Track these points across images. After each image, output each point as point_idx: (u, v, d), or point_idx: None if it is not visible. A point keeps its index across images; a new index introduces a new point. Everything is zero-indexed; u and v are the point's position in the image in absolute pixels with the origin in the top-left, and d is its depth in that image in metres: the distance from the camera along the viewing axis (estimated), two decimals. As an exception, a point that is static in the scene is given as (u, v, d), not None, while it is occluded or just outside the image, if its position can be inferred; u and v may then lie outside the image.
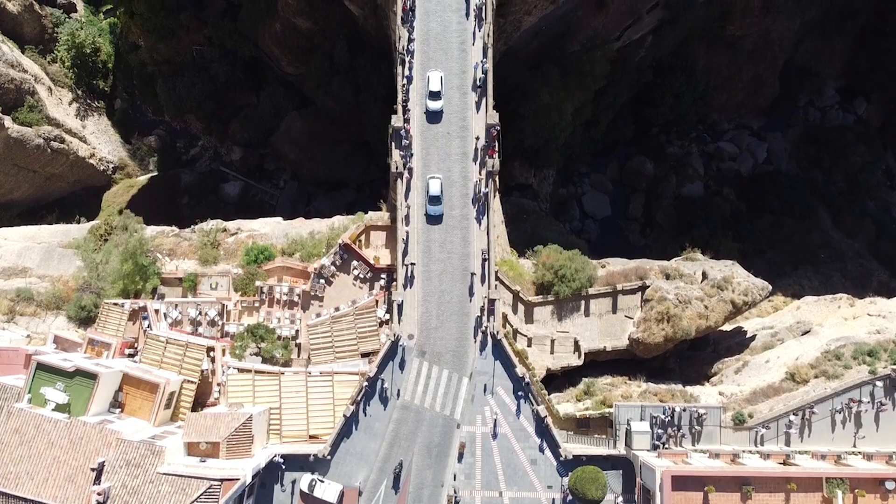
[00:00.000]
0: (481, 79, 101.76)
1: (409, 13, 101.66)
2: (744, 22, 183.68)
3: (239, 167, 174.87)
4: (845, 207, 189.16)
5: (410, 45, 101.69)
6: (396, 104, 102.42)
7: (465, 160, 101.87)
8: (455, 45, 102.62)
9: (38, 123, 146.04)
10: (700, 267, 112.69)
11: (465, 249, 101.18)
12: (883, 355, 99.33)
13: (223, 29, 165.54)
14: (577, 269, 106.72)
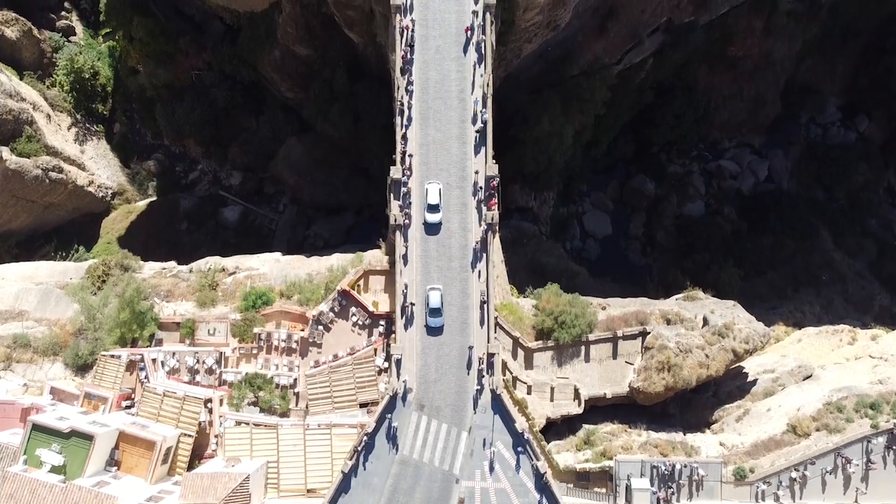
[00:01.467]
0: (480, 128, 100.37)
1: (408, 62, 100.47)
2: (745, 43, 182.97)
3: (238, 191, 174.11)
4: (847, 226, 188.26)
5: (409, 94, 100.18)
6: (395, 153, 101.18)
7: (464, 210, 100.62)
8: (454, 94, 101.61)
9: (37, 154, 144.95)
10: (701, 310, 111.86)
11: (463, 301, 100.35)
12: (885, 408, 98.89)
13: (222, 54, 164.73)
14: (578, 314, 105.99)
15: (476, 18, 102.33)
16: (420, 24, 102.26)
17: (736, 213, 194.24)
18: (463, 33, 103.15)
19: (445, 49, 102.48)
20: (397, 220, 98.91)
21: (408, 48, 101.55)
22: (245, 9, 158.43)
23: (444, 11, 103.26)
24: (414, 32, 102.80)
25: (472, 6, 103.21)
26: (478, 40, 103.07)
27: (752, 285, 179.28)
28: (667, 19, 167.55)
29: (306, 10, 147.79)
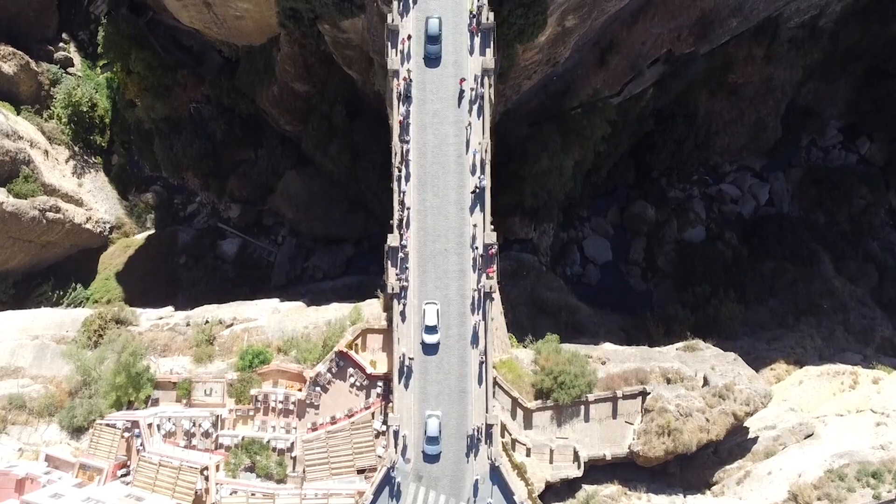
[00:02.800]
0: (478, 193, 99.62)
1: (405, 127, 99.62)
2: (745, 71, 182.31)
3: (237, 223, 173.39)
4: (848, 250, 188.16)
5: (407, 160, 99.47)
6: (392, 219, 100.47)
7: (462, 277, 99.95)
8: (452, 159, 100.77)
9: (34, 194, 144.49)
10: (702, 366, 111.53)
11: (462, 370, 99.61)
12: (887, 477, 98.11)
13: (221, 87, 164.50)
14: (577, 374, 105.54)
15: (477, 85, 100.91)
16: (418, 87, 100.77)
17: (737, 237, 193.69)
18: (465, 101, 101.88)
19: (443, 112, 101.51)
20: (394, 289, 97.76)
21: (405, 112, 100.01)
22: (243, 42, 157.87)
23: (443, 76, 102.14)
24: (411, 96, 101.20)
25: (471, 69, 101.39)
26: (475, 97, 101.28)
27: (754, 312, 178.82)
28: (667, 50, 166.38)
29: (304, 49, 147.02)
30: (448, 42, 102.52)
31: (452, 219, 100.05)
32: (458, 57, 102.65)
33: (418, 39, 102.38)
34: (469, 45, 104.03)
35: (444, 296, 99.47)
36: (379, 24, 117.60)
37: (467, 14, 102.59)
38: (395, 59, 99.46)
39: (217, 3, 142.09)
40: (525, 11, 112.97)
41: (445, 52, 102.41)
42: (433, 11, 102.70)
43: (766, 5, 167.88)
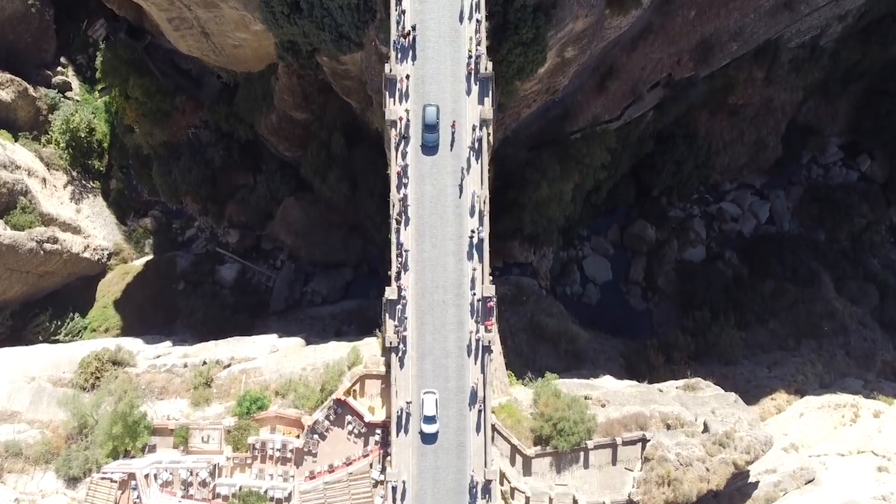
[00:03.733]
0: (477, 242, 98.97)
1: (404, 177, 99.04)
2: (746, 92, 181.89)
3: (235, 248, 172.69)
4: (849, 269, 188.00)
5: (405, 211, 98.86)
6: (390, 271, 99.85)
7: (461, 328, 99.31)
8: (450, 209, 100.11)
9: (31, 225, 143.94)
10: (702, 409, 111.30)
11: (460, 423, 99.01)
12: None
13: (219, 112, 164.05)
14: (576, 420, 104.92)
15: (475, 133, 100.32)
16: (415, 137, 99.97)
17: (737, 257, 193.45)
18: (460, 147, 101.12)
19: (441, 163, 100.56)
20: (392, 343, 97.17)
21: (403, 163, 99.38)
22: (242, 69, 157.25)
23: (442, 125, 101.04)
24: (408, 147, 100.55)
25: (468, 117, 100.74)
26: (473, 144, 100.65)
27: (754, 334, 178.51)
28: (667, 75, 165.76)
29: (303, 79, 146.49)
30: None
31: (451, 270, 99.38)
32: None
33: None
34: (466, 88, 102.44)
35: (442, 348, 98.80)
36: (377, 63, 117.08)
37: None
38: (394, 109, 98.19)
39: (215, 33, 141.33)
40: (524, 50, 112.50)
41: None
42: (431, 98, 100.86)
43: (766, 29, 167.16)
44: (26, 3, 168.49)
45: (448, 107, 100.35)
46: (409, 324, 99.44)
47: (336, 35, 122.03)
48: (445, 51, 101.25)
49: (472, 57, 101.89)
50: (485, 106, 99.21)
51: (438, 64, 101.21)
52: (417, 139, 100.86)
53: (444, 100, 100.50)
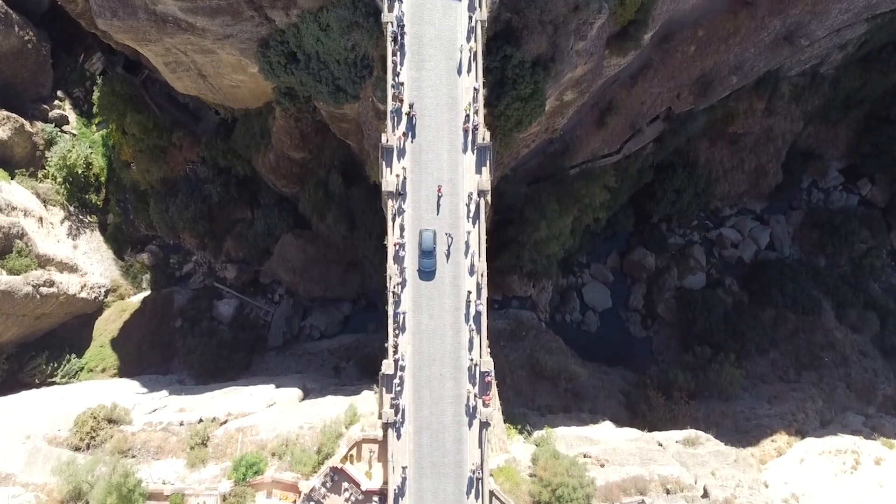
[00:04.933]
0: (475, 314, 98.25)
1: (402, 246, 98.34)
2: (746, 122, 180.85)
3: (233, 283, 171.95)
4: (849, 296, 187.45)
5: (403, 286, 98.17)
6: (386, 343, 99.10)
7: (458, 402, 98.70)
8: (448, 280, 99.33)
9: (27, 268, 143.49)
10: (702, 469, 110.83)
11: (458, 499, 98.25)
12: None
13: (217, 148, 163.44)
14: (575, 486, 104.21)
15: (471, 201, 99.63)
16: (412, 206, 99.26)
17: (737, 284, 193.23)
18: (456, 216, 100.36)
19: (438, 234, 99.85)
20: (389, 419, 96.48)
21: (401, 233, 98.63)
22: (239, 106, 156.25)
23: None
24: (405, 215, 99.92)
25: (464, 185, 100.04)
26: (470, 212, 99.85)
27: (755, 364, 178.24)
28: (667, 108, 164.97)
29: (300, 121, 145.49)
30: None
31: (448, 342, 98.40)
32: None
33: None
34: (462, 144, 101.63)
35: (440, 422, 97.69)
36: (374, 119, 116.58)
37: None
38: (390, 181, 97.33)
39: (212, 75, 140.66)
40: (523, 105, 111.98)
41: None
42: (427, 224, 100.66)
43: (766, 62, 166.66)
44: (22, 39, 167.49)
45: (445, 175, 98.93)
46: (406, 397, 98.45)
47: (333, 87, 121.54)
48: (443, 118, 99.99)
49: (469, 116, 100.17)
50: (482, 176, 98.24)
51: (436, 132, 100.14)
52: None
53: (441, 170, 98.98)
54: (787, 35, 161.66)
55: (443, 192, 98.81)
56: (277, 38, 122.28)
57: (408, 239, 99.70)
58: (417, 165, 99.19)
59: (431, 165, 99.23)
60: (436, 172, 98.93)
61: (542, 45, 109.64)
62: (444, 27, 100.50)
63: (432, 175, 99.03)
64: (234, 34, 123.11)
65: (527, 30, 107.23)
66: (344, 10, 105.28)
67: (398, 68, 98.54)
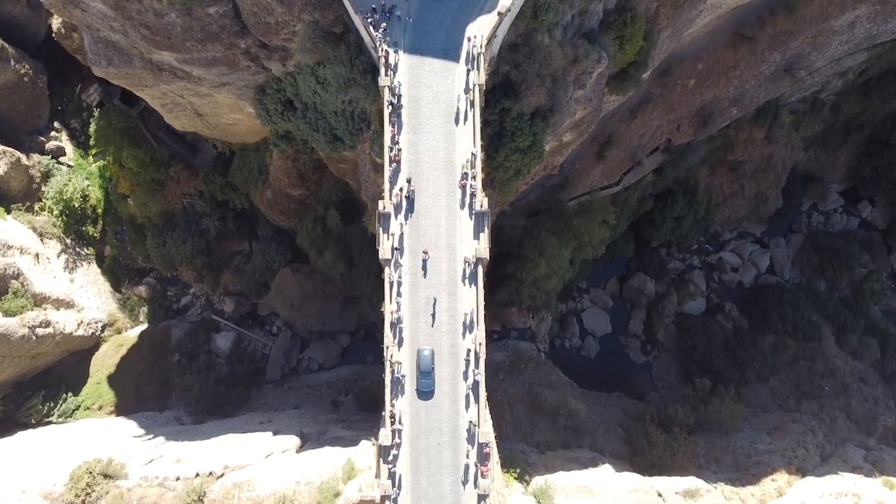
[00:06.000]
0: (473, 384, 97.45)
1: (399, 317, 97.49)
2: (746, 151, 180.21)
3: (231, 315, 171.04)
4: (850, 321, 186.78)
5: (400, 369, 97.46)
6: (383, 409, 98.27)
7: (456, 472, 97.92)
8: (446, 349, 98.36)
9: (23, 309, 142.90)
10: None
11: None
12: None
13: (214, 182, 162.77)
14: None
15: (468, 266, 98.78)
16: (410, 273, 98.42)
17: (737, 309, 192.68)
18: (454, 284, 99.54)
19: (436, 301, 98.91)
20: (386, 492, 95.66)
21: (397, 302, 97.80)
22: (237, 141, 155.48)
23: (437, 259, 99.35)
24: (402, 282, 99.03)
25: (463, 253, 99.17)
26: (467, 275, 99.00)
27: (755, 393, 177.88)
28: (666, 140, 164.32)
29: (297, 161, 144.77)
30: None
31: (446, 411, 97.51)
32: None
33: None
34: (460, 200, 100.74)
35: (437, 493, 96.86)
36: (371, 171, 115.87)
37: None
38: (386, 248, 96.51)
39: (209, 114, 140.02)
40: (521, 156, 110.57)
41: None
42: (424, 344, 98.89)
43: (766, 93, 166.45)
44: (18, 72, 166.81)
45: (443, 241, 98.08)
46: (403, 465, 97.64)
47: (330, 137, 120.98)
48: (440, 182, 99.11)
49: (467, 174, 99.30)
50: (480, 242, 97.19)
51: (434, 198, 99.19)
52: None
53: (439, 235, 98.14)
54: (788, 67, 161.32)
55: (438, 255, 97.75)
56: (274, 85, 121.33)
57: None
58: (415, 231, 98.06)
59: (429, 231, 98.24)
60: (433, 238, 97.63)
61: (541, 98, 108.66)
62: (442, 90, 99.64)
63: (430, 241, 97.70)
64: (231, 82, 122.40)
65: (525, 83, 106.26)
66: (341, 68, 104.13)
67: (396, 137, 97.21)
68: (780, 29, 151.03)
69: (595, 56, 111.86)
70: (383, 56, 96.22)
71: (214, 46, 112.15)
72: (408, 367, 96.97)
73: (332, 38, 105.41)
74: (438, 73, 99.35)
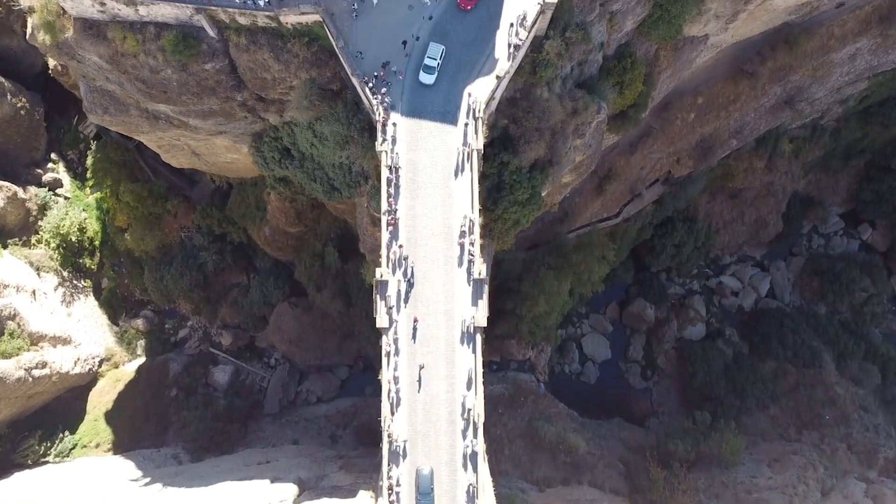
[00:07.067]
0: (471, 454, 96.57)
1: (398, 386, 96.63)
2: (746, 179, 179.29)
3: (229, 348, 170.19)
4: (850, 345, 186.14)
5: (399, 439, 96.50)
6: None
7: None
8: (444, 417, 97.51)
9: (20, 351, 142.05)
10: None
11: None
12: None
13: (212, 216, 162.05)
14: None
15: (467, 342, 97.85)
16: (406, 341, 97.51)
17: (737, 334, 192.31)
18: (451, 351, 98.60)
19: (434, 368, 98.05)
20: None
21: (394, 375, 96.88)
22: (234, 176, 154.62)
23: (435, 326, 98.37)
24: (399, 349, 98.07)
25: (461, 324, 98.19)
26: (465, 333, 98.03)
27: (755, 420, 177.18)
28: (666, 172, 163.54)
29: (295, 202, 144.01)
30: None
31: (445, 481, 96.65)
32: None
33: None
34: (458, 258, 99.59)
35: None
36: (369, 225, 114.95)
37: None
38: (384, 318, 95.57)
39: (206, 154, 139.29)
40: (520, 208, 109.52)
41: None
42: (423, 463, 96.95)
43: (767, 124, 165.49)
44: (15, 106, 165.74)
45: (441, 307, 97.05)
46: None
47: (328, 187, 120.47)
48: (438, 248, 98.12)
49: (465, 232, 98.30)
50: (479, 310, 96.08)
51: (431, 263, 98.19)
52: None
53: (437, 301, 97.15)
54: (788, 99, 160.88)
55: (436, 322, 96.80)
56: (271, 133, 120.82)
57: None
58: (414, 299, 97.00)
59: (427, 297, 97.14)
60: (431, 305, 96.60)
61: (540, 151, 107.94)
62: (439, 154, 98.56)
63: (428, 308, 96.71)
64: (228, 130, 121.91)
65: (524, 138, 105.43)
66: (338, 126, 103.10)
67: (394, 205, 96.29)
68: (780, 63, 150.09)
69: (595, 107, 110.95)
70: (381, 121, 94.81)
71: (211, 100, 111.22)
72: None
73: (328, 94, 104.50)
74: (436, 136, 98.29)
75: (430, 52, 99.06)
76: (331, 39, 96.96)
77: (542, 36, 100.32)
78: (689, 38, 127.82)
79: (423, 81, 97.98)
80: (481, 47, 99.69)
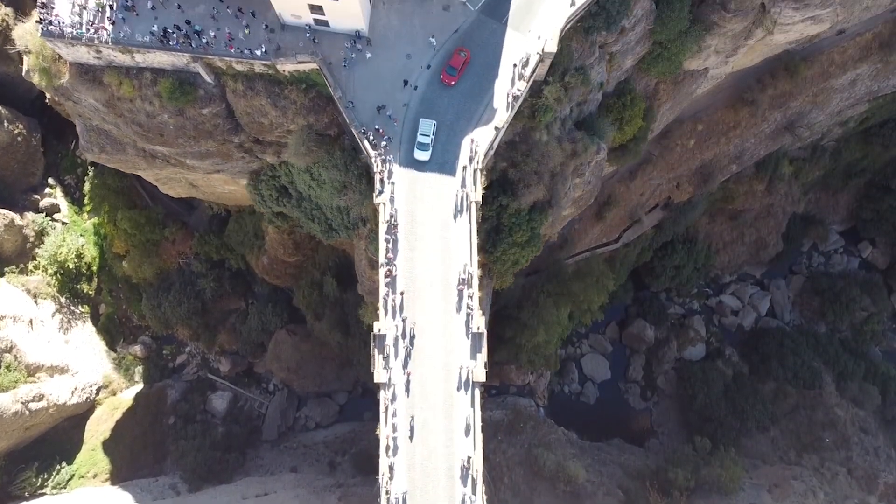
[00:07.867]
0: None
1: (394, 451, 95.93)
2: (746, 201, 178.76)
3: (227, 375, 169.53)
4: (851, 365, 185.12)
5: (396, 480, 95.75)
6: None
7: None
8: (442, 471, 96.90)
9: (16, 383, 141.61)
10: None
11: None
12: None
13: (210, 243, 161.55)
14: None
15: (465, 391, 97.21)
16: (403, 396, 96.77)
17: (737, 353, 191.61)
18: (450, 405, 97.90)
19: (433, 422, 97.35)
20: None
21: (392, 429, 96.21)
22: (233, 204, 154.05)
23: (434, 380, 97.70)
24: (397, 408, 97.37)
25: (458, 376, 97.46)
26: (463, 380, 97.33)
27: (755, 442, 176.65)
28: (666, 197, 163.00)
29: (293, 234, 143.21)
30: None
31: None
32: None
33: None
34: (456, 305, 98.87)
35: None
36: (367, 267, 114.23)
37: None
38: (382, 373, 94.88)
39: (203, 185, 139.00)
40: (520, 249, 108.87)
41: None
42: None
43: (766, 148, 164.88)
44: (12, 133, 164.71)
45: (439, 361, 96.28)
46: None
47: (326, 227, 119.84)
48: (437, 299, 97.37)
49: (465, 279, 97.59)
50: (477, 363, 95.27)
51: (429, 315, 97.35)
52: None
53: (435, 356, 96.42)
54: (788, 125, 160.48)
55: (434, 375, 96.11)
56: (269, 172, 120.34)
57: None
58: (413, 354, 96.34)
59: (425, 351, 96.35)
60: (429, 359, 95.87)
61: (539, 194, 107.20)
62: (437, 206, 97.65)
63: (426, 362, 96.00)
64: (225, 169, 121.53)
65: (523, 182, 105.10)
66: (336, 172, 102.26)
67: (393, 259, 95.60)
68: (780, 90, 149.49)
69: (594, 148, 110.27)
70: (379, 174, 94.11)
71: (208, 142, 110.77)
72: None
73: (326, 140, 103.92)
74: (434, 187, 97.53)
75: (422, 129, 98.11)
76: (329, 88, 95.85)
77: (541, 81, 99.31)
78: (689, 71, 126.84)
79: (419, 159, 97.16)
80: (476, 104, 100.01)
